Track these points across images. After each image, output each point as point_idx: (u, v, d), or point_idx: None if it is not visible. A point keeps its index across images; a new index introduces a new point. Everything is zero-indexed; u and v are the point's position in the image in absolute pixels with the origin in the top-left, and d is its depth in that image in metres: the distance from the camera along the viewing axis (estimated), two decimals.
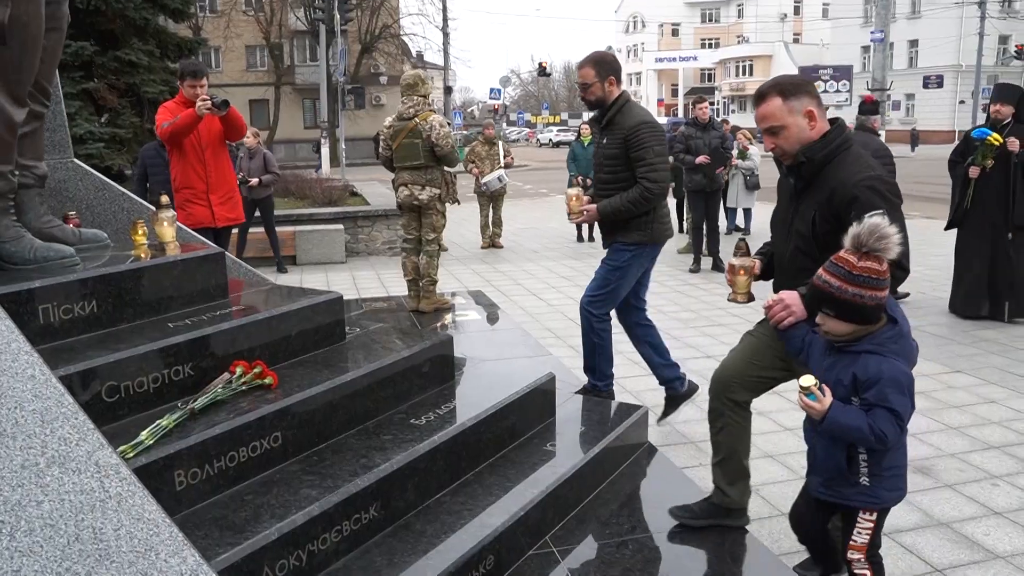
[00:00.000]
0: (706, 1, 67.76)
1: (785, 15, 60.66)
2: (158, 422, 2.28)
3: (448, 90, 36.27)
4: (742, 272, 2.90)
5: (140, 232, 3.13)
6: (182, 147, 5.50)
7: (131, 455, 2.13)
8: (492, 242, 11.19)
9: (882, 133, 7.62)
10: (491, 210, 11.09)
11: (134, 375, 2.42)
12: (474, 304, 7.14)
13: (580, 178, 11.19)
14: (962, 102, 42.50)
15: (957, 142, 7.42)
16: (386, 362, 2.99)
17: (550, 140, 56.27)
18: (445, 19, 34.38)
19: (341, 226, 10.14)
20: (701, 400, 3.94)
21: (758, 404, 3.10)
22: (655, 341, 4.50)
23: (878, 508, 2.40)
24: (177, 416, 2.33)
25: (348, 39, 33.42)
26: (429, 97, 6.11)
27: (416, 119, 5.91)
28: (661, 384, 4.53)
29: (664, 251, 4.37)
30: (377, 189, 14.16)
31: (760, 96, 2.72)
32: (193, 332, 2.63)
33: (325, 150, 28.17)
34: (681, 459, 4.03)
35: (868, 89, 14.83)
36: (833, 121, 2.72)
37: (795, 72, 43.57)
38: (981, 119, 37.83)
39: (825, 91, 35.90)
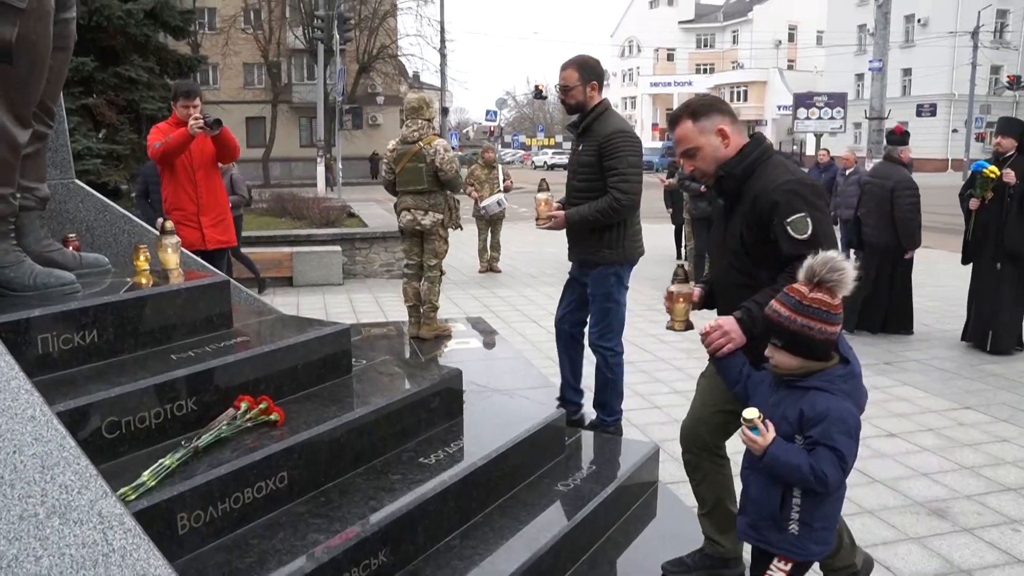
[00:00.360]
0: (701, 27, 68.35)
1: (780, 41, 61.18)
2: (161, 461, 2.17)
3: (444, 111, 36.26)
4: (680, 299, 2.82)
5: (142, 257, 3.04)
6: (173, 168, 5.40)
7: (132, 497, 2.03)
8: (490, 266, 11.11)
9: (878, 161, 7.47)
10: (489, 234, 11.02)
11: (135, 410, 2.31)
12: (474, 331, 7.03)
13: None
14: (955, 131, 42.79)
15: (953, 171, 7.46)
16: (395, 398, 2.89)
17: (544, 163, 56.39)
18: (443, 40, 34.48)
19: (339, 248, 10.05)
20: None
21: None
22: (577, 359, 4.51)
23: (799, 560, 2.28)
24: (180, 455, 2.22)
25: (346, 59, 33.50)
26: (434, 121, 6.05)
27: (420, 143, 5.85)
28: (558, 399, 4.55)
29: (658, 278, 4.28)
30: (374, 210, 14.10)
31: (672, 121, 2.73)
32: (196, 365, 2.52)
33: (321, 168, 28.17)
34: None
35: (866, 117, 14.87)
36: (752, 136, 2.72)
37: (790, 98, 43.91)
38: (975, 148, 38.19)
39: (820, 118, 36.09)
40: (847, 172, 11.66)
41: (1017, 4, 44.68)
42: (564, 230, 4.24)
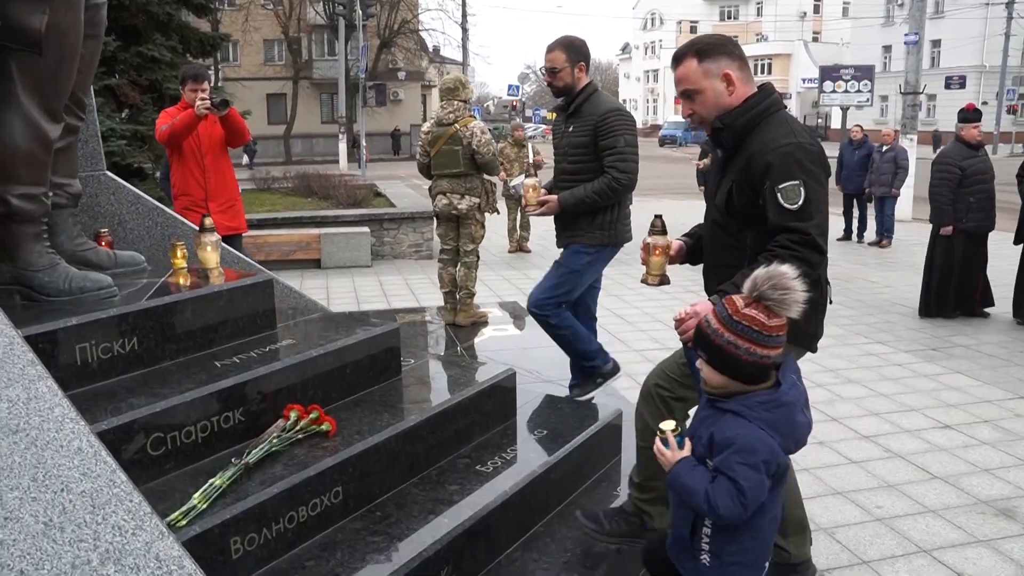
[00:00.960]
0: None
1: (805, 13, 60.01)
2: (211, 482, 2.04)
3: None
4: (657, 251, 2.61)
5: (180, 255, 2.90)
6: (182, 152, 5.34)
7: (184, 523, 1.90)
8: (520, 246, 10.93)
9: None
10: (519, 213, 10.84)
11: (181, 424, 2.18)
12: (510, 318, 6.87)
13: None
14: (985, 103, 41.78)
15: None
16: (449, 402, 2.75)
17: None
18: (464, 14, 34.08)
19: (367, 229, 9.90)
20: None
21: (818, 433, 2.82)
22: (582, 329, 4.24)
23: None
24: (231, 473, 2.09)
25: (367, 34, 33.21)
26: (470, 102, 5.85)
27: (456, 125, 5.66)
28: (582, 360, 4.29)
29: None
30: (400, 189, 13.93)
31: (676, 58, 2.50)
32: (243, 373, 2.38)
33: (342, 145, 28.00)
34: None
35: (900, 92, 14.44)
36: (761, 87, 2.48)
37: (814, 71, 43.06)
38: (1005, 121, 37.27)
39: (846, 91, 35.42)
40: (884, 149, 11.38)
41: None
42: (553, 215, 4.05)
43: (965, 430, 4.67)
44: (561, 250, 4.19)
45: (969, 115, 7.31)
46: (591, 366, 4.23)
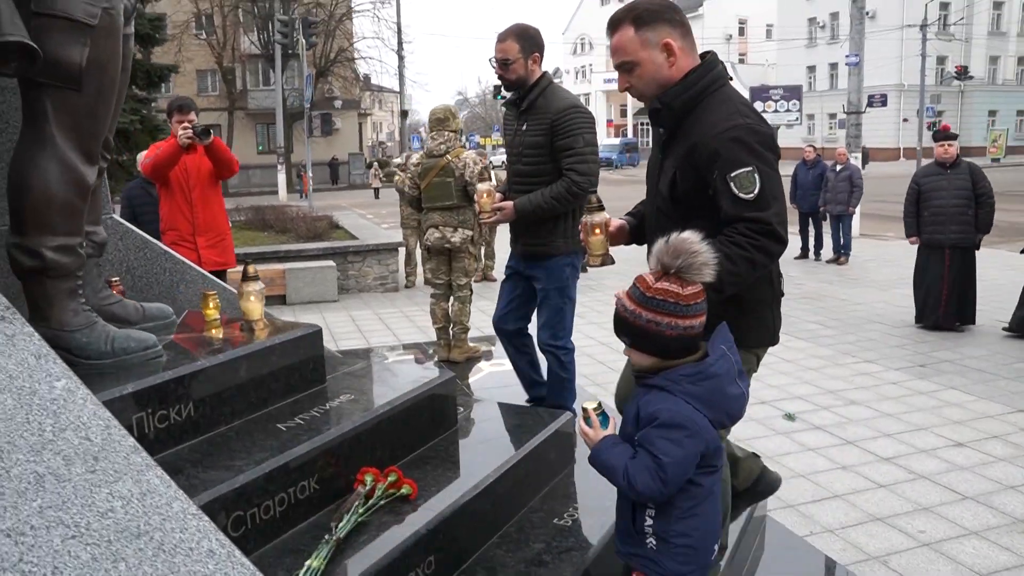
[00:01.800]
0: None
1: (731, 36, 61.81)
2: (308, 564, 1.82)
3: (404, 114, 35.72)
4: (596, 231, 2.43)
5: (212, 305, 2.66)
6: (169, 186, 5.24)
7: None
8: (485, 275, 10.76)
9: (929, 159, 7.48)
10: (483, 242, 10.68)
11: (260, 499, 1.95)
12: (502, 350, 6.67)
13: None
14: (906, 120, 43.65)
15: (905, 159, 7.64)
16: (519, 456, 2.57)
17: (502, 162, 56.09)
18: (400, 42, 33.91)
19: (332, 263, 9.61)
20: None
21: (838, 457, 2.76)
22: (534, 358, 4.12)
23: None
24: (324, 553, 1.87)
25: (302, 63, 32.77)
26: (460, 132, 5.68)
27: (448, 156, 5.48)
28: (528, 401, 4.18)
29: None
30: (356, 220, 13.64)
31: (612, 25, 2.25)
32: (314, 437, 2.16)
33: (281, 176, 27.44)
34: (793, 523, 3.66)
35: (844, 112, 14.86)
36: (704, 57, 2.26)
37: (743, 91, 44.26)
38: (927, 137, 38.93)
39: (776, 111, 36.46)
40: (838, 168, 11.63)
41: None
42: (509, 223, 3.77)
43: (978, 447, 4.69)
44: (514, 256, 3.92)
45: (937, 135, 7.59)
46: (538, 397, 4.08)
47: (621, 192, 12.45)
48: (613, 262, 2.51)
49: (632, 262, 4.26)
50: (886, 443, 4.79)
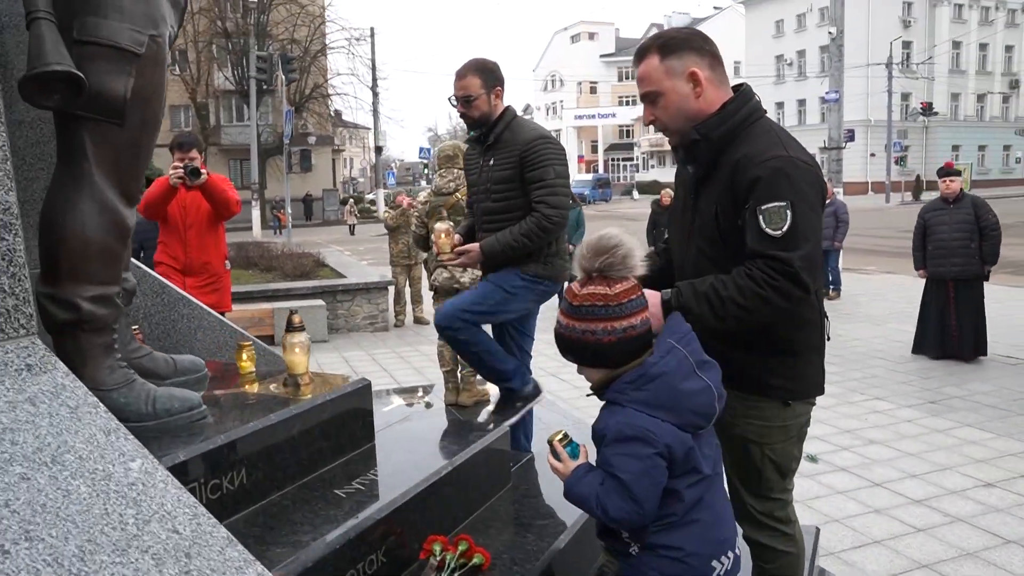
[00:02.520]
0: (622, 60, 69.73)
1: None
2: None
3: (379, 150, 35.66)
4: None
5: (246, 357, 2.46)
6: (167, 223, 5.16)
7: None
8: (417, 317, 10.58)
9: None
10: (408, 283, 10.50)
11: None
12: None
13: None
14: (873, 155, 44.55)
15: (873, 193, 7.76)
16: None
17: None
18: (374, 78, 33.96)
19: (322, 302, 9.37)
20: None
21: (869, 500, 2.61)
22: (490, 347, 3.66)
23: None
24: None
25: (275, 100, 32.60)
26: None
27: (458, 194, 5.32)
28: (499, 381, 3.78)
29: None
30: (341, 258, 13.41)
31: (638, 55, 2.13)
32: (374, 504, 1.98)
33: (256, 212, 27.08)
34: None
35: (825, 147, 15.02)
36: (738, 90, 2.13)
37: None
38: (895, 171, 39.68)
39: None
40: (825, 203, 11.68)
41: (920, 37, 47.18)
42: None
43: (1008, 487, 4.59)
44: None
45: (941, 171, 7.81)
46: (508, 388, 3.72)
47: (593, 226, 12.28)
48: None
49: None
50: (914, 484, 4.67)
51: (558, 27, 76.97)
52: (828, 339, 2.22)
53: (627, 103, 67.10)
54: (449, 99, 3.55)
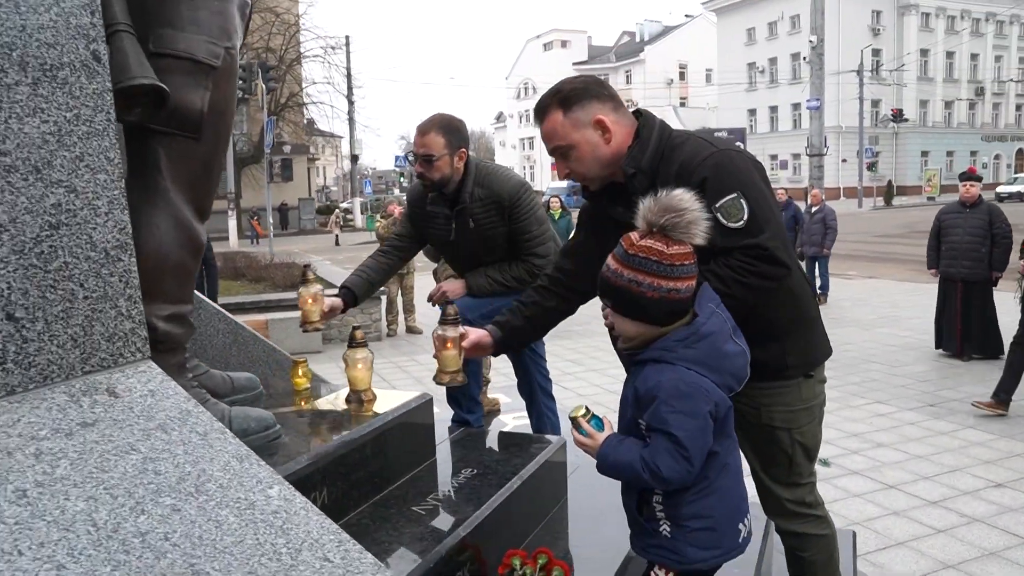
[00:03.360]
0: (595, 68, 70.16)
1: (671, 80, 63.46)
2: None
3: (355, 158, 35.53)
4: (450, 345, 2.21)
5: (301, 373, 2.43)
6: None
7: None
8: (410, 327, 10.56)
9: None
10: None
11: None
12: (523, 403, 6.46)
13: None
14: (844, 160, 45.19)
15: (845, 198, 7.92)
16: None
17: None
18: (350, 87, 33.88)
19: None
20: None
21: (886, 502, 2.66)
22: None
23: (678, 569, 1.75)
24: None
25: (250, 108, 32.32)
26: None
27: None
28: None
29: None
30: (327, 268, 13.31)
31: (538, 112, 2.12)
32: (463, 522, 1.95)
33: (232, 221, 26.85)
34: None
35: (807, 154, 15.21)
36: (639, 115, 2.12)
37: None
38: (867, 177, 40.25)
39: None
40: (813, 210, 11.81)
41: (889, 45, 48.04)
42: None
43: (1018, 487, 4.68)
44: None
45: (963, 176, 8.07)
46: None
47: None
48: (465, 382, 2.28)
49: None
50: (927, 486, 4.75)
51: (531, 35, 77.32)
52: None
53: None
54: (407, 155, 3.44)
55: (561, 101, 2.05)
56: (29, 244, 1.16)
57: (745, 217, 1.90)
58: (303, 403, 2.35)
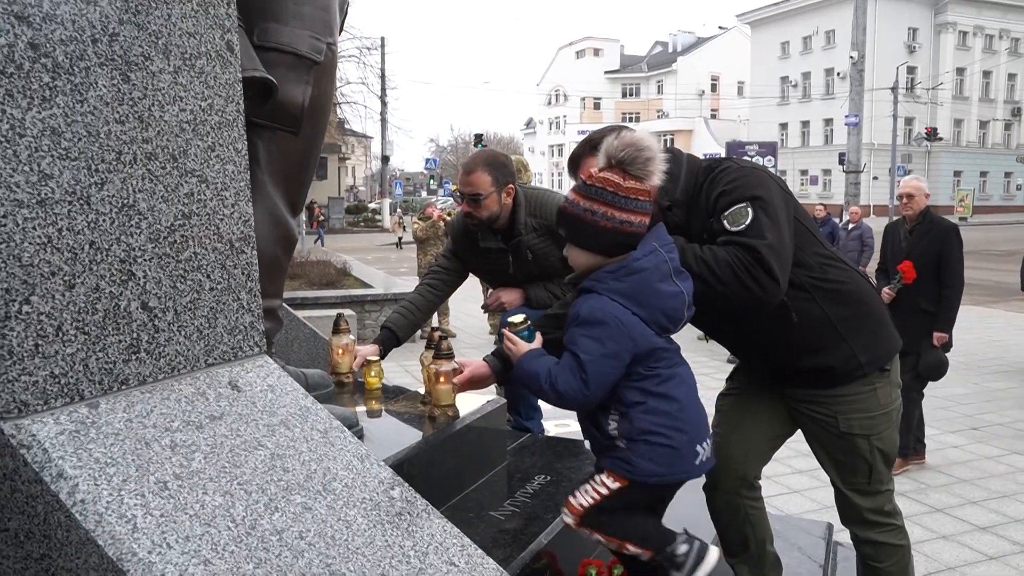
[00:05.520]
0: (626, 77, 70.10)
1: (703, 92, 63.21)
2: None
3: (385, 159, 35.70)
4: (443, 379, 2.20)
5: (374, 373, 2.42)
6: None
7: None
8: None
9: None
10: None
11: None
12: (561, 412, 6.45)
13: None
14: (875, 178, 44.73)
15: (875, 216, 7.55)
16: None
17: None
18: (383, 87, 34.04)
19: (352, 312, 9.30)
20: None
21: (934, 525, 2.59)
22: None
23: (626, 478, 1.76)
24: None
25: None
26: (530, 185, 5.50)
27: None
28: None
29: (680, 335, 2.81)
30: (364, 268, 13.36)
31: (573, 161, 2.21)
32: (539, 529, 1.92)
33: None
34: None
35: (844, 170, 15.07)
36: (670, 153, 2.08)
37: (715, 146, 45.10)
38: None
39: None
40: (850, 227, 11.68)
41: (924, 63, 47.56)
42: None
43: None
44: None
45: None
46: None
47: None
48: (458, 415, 2.24)
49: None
50: (975, 511, 4.66)
51: (563, 42, 77.38)
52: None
53: (630, 119, 67.40)
54: (452, 193, 3.36)
55: (593, 147, 2.10)
56: (164, 233, 1.16)
57: (747, 223, 1.91)
58: (375, 402, 2.34)
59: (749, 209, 1.91)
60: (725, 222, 1.91)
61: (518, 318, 1.88)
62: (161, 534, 0.92)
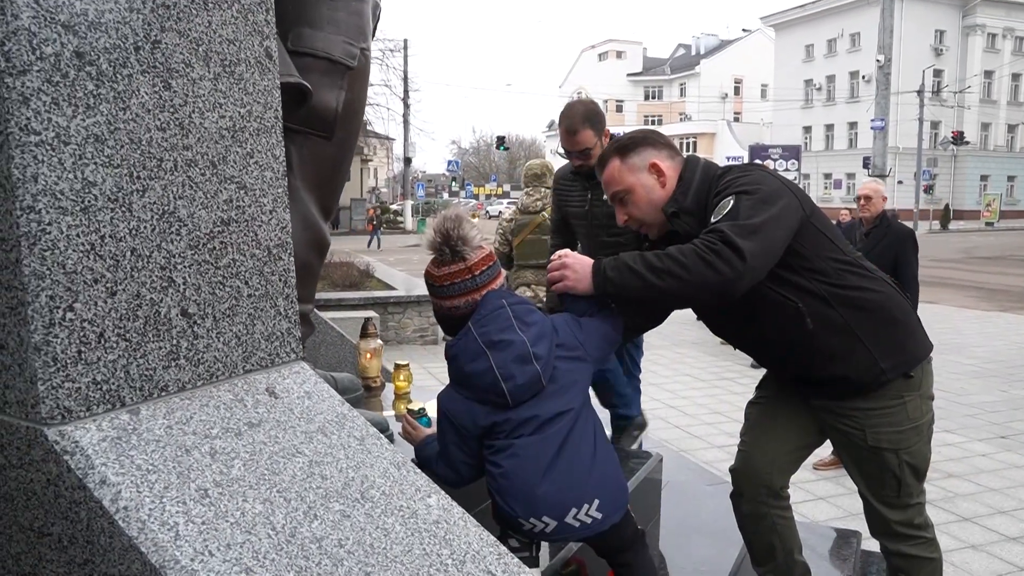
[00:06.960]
0: (649, 79, 69.87)
1: (726, 95, 62.89)
2: None
3: (408, 161, 35.81)
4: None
5: (403, 378, 2.43)
6: None
7: None
8: None
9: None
10: None
11: None
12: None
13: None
14: (900, 182, 44.28)
15: (901, 220, 7.37)
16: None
17: (500, 212, 56.31)
18: (406, 89, 34.16)
19: (375, 314, 9.34)
20: None
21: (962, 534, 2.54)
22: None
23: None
24: None
25: None
26: None
27: (544, 213, 5.29)
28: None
29: (707, 341, 2.90)
30: (387, 270, 13.40)
31: (600, 164, 2.22)
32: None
33: None
34: None
35: (869, 174, 14.91)
36: (686, 160, 2.18)
37: (738, 149, 44.81)
38: (923, 199, 39.42)
39: (775, 169, 36.81)
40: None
41: (951, 66, 46.99)
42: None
43: None
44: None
45: None
46: (623, 415, 3.59)
47: None
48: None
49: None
50: (1005, 521, 4.60)
51: (586, 45, 77.31)
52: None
53: (653, 122, 67.21)
54: (557, 150, 3.54)
55: (619, 149, 2.16)
56: (203, 240, 1.16)
57: (725, 212, 1.91)
58: (403, 407, 2.33)
59: (731, 200, 1.93)
60: (712, 217, 1.93)
61: (415, 405, 2.00)
62: (203, 542, 0.92)
